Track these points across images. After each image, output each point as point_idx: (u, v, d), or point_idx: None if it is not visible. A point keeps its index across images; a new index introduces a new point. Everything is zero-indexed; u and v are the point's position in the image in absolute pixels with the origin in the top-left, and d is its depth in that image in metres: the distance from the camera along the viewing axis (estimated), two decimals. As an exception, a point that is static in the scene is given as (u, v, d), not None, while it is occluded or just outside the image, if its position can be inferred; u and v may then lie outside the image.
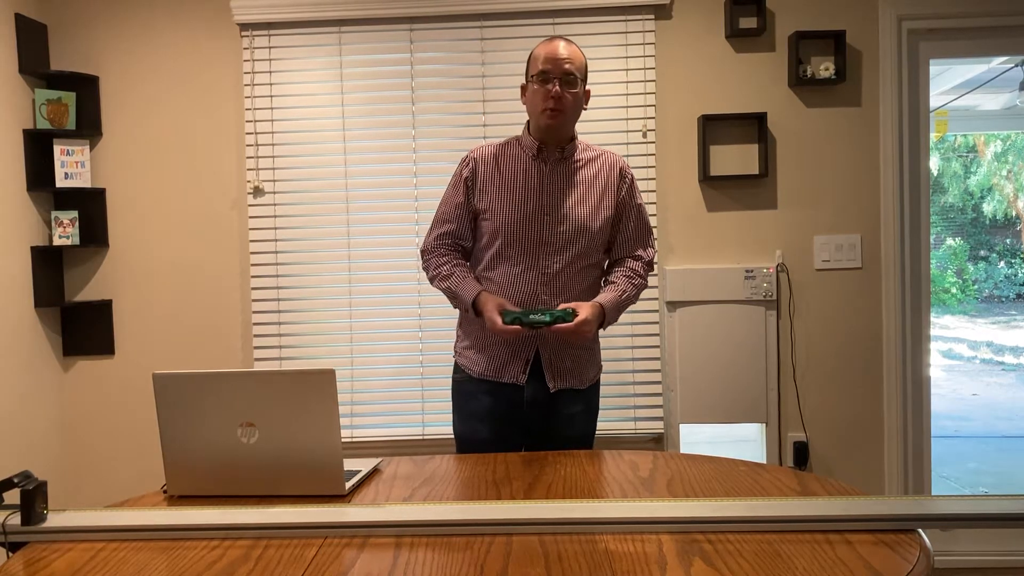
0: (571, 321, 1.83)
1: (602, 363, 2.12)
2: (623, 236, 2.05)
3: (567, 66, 1.90)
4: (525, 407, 1.97)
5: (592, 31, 2.85)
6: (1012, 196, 10.15)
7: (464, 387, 2.04)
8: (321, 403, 1.47)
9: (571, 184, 1.97)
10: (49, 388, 2.90)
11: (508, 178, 1.97)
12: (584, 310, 1.86)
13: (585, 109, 2.02)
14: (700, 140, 2.86)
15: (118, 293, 2.95)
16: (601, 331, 2.02)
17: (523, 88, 2.01)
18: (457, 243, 2.04)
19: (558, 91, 1.90)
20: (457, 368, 2.07)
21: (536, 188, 1.96)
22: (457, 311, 2.08)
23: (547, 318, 1.83)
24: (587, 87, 2.00)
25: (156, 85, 2.93)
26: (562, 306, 1.88)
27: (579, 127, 2.83)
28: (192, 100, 2.93)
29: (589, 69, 2.80)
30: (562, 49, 1.92)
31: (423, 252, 2.07)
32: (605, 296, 1.96)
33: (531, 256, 1.94)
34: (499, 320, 1.84)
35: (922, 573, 1.14)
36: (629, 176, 2.05)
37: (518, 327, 1.83)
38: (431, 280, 2.04)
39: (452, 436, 2.11)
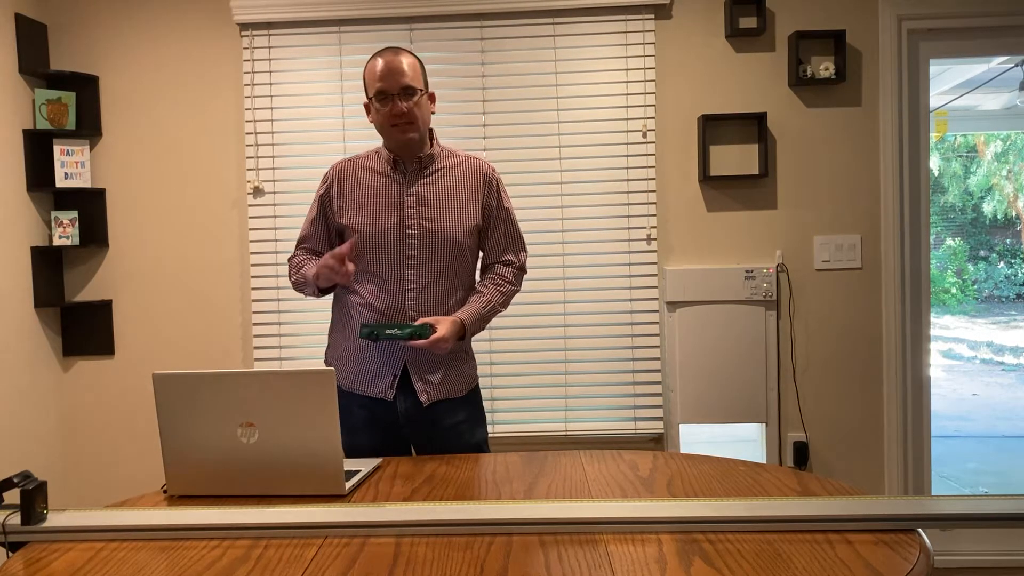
0: (427, 337, 1.77)
1: (477, 374, 2.04)
2: (492, 242, 1.99)
3: (404, 80, 1.84)
4: (399, 419, 1.92)
5: (592, 31, 2.85)
6: (1012, 196, 10.15)
7: (338, 399, 1.99)
8: (321, 403, 1.47)
9: (432, 194, 1.91)
10: (49, 388, 2.90)
11: (367, 193, 1.92)
12: (442, 326, 1.80)
13: (433, 113, 1.96)
14: (700, 140, 2.86)
15: (118, 293, 2.95)
16: (470, 338, 1.97)
17: (366, 107, 1.95)
18: (317, 255, 1.97)
19: (400, 109, 1.85)
20: None
21: (395, 201, 1.90)
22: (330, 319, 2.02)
23: (402, 333, 1.77)
24: (430, 90, 1.94)
25: (156, 85, 2.93)
26: (421, 320, 1.82)
27: (580, 127, 2.86)
28: (192, 100, 2.93)
29: (587, 69, 2.85)
30: (392, 64, 1.85)
31: (288, 262, 2.03)
32: (467, 309, 1.90)
33: (394, 271, 1.89)
34: (331, 259, 1.76)
35: (922, 573, 1.14)
36: (495, 181, 1.98)
37: (347, 249, 1.76)
38: (293, 286, 2.00)
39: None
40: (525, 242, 2.06)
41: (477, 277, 2.03)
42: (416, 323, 1.81)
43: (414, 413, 1.91)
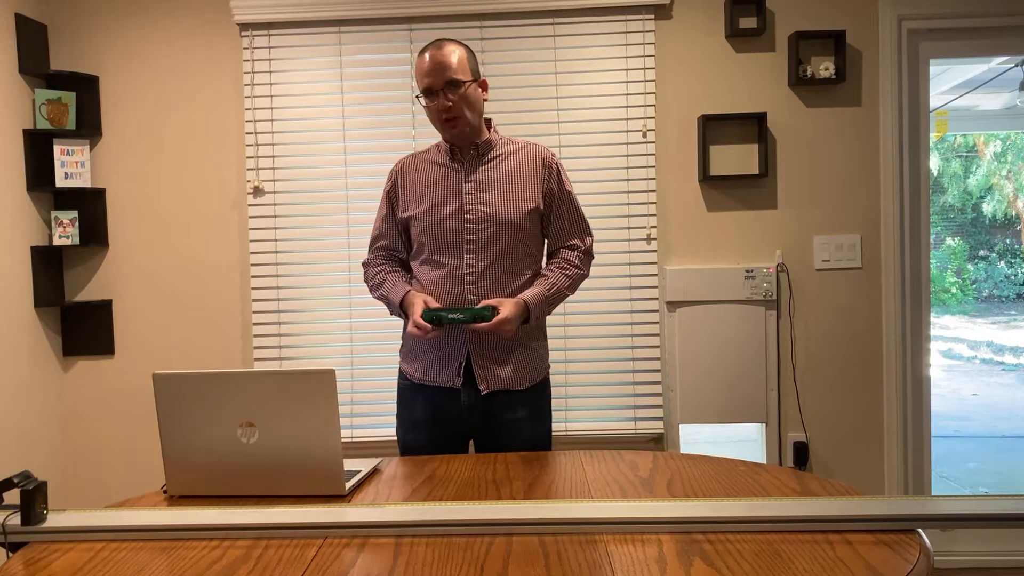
0: (490, 319, 1.79)
1: (549, 363, 2.04)
2: (556, 227, 2.00)
3: (448, 74, 1.86)
4: (463, 412, 1.93)
5: (592, 31, 2.85)
6: (1012, 196, 10.14)
7: (405, 394, 2.01)
8: (321, 403, 1.47)
9: (490, 179, 1.93)
10: (49, 388, 2.90)
11: (427, 184, 1.96)
12: (505, 308, 1.82)
13: (486, 100, 1.97)
14: (700, 140, 2.86)
15: (118, 293, 2.95)
16: (537, 326, 1.98)
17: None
18: (392, 254, 2.04)
19: (445, 104, 1.87)
20: (400, 373, 2.04)
21: (453, 189, 1.93)
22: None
23: (464, 316, 1.79)
24: (481, 78, 1.95)
25: (156, 85, 2.93)
26: (484, 303, 1.84)
27: (580, 127, 2.86)
28: (192, 100, 2.93)
29: (587, 69, 2.85)
30: (435, 58, 1.87)
31: (363, 266, 2.08)
32: (531, 292, 1.90)
33: (454, 258, 1.91)
34: (418, 317, 1.81)
35: (922, 573, 1.13)
36: (555, 165, 1.98)
37: (428, 326, 1.79)
38: (370, 292, 2.04)
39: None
40: (590, 226, 2.06)
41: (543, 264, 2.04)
42: (478, 306, 1.83)
43: (476, 405, 1.92)
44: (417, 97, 1.95)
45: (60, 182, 2.82)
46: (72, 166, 2.85)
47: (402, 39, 2.87)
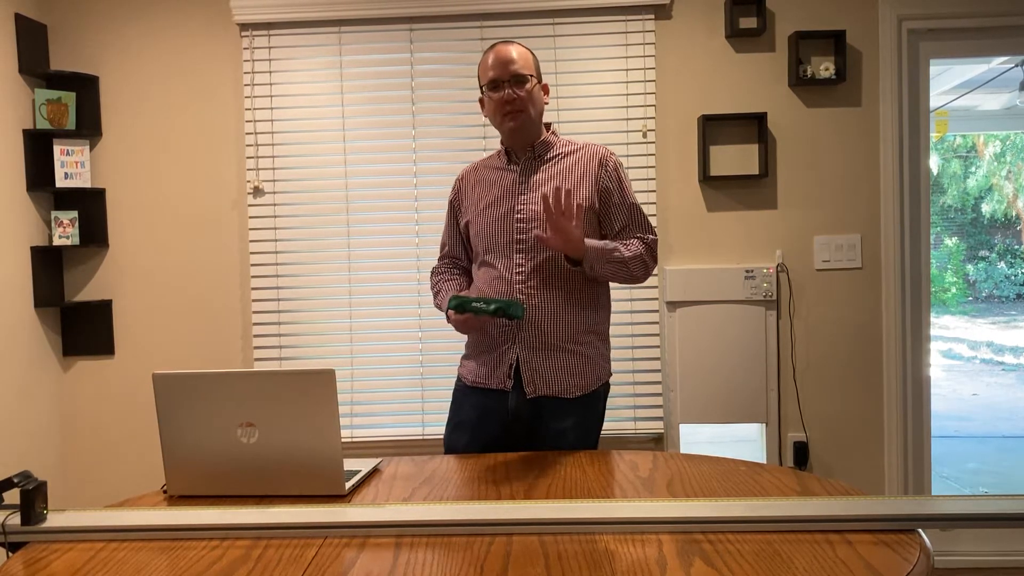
0: (517, 313, 1.74)
1: (611, 371, 2.00)
2: (617, 226, 1.94)
3: (514, 67, 1.88)
4: (510, 416, 1.92)
5: (592, 31, 2.85)
6: (1012, 196, 10.14)
7: (457, 395, 2.04)
8: (321, 403, 1.47)
9: (543, 180, 1.94)
10: (49, 388, 2.90)
11: (484, 189, 1.99)
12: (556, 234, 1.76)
13: (546, 104, 1.97)
14: (700, 140, 2.86)
15: (118, 293, 2.95)
16: (594, 328, 1.95)
17: (481, 102, 1.98)
18: (455, 262, 2.10)
19: (510, 94, 1.88)
20: (457, 377, 2.07)
21: (508, 192, 1.94)
22: None
23: (487, 307, 1.74)
24: (542, 82, 1.96)
25: (156, 85, 2.93)
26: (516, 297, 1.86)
27: (580, 127, 2.86)
28: (192, 100, 2.93)
29: (587, 69, 2.86)
30: (506, 53, 1.90)
31: (431, 274, 2.14)
32: (591, 240, 1.83)
33: (504, 258, 1.91)
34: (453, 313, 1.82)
35: (922, 573, 1.14)
36: (611, 164, 1.93)
37: (460, 317, 1.79)
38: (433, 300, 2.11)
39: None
40: (653, 227, 1.97)
41: None
42: (504, 298, 1.81)
43: (523, 409, 1.91)
44: (482, 93, 1.95)
45: (60, 182, 2.82)
46: (72, 166, 2.85)
47: (402, 39, 2.87)
